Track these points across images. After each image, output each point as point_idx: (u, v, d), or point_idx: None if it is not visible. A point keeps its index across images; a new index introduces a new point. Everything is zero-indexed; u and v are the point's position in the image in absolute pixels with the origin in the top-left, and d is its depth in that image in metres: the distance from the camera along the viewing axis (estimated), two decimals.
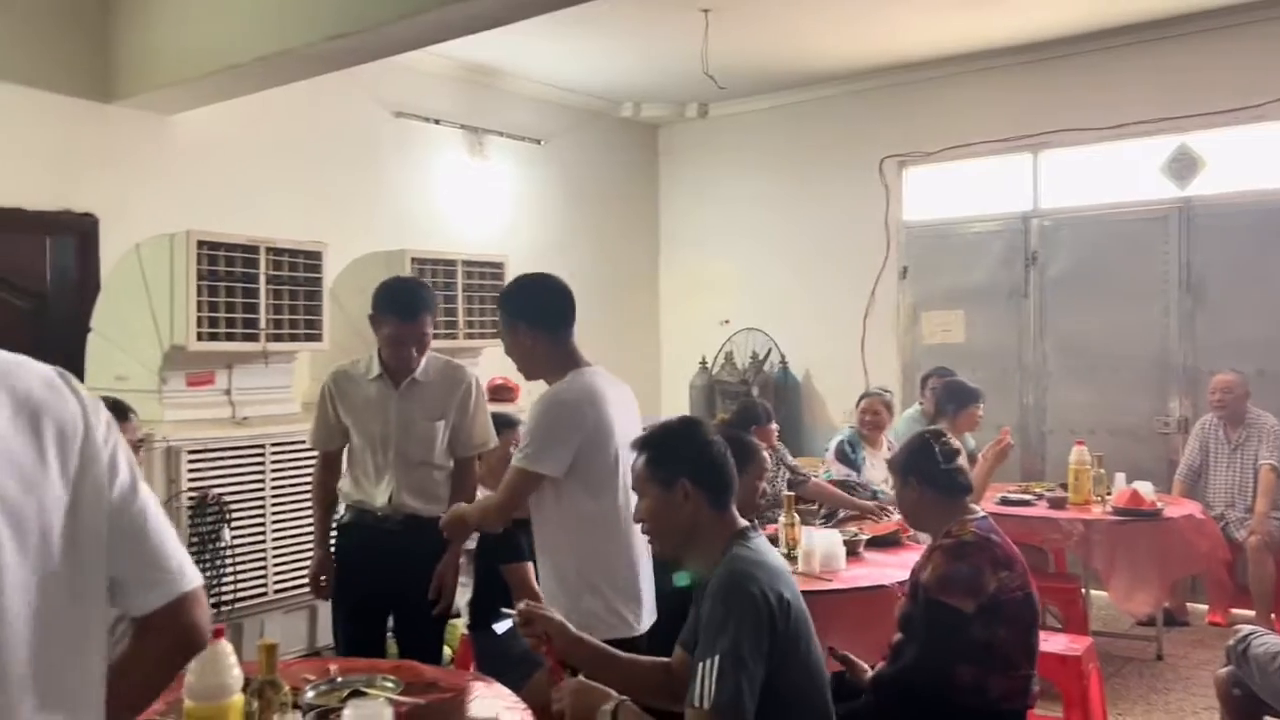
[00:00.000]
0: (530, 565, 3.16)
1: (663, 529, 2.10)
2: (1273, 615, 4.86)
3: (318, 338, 4.35)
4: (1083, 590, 4.81)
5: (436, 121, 5.97)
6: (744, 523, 2.09)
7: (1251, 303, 5.45)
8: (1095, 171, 6.03)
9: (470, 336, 5.10)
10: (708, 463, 2.07)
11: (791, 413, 6.80)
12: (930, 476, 2.61)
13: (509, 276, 5.36)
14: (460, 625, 3.93)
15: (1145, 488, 4.50)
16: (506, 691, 2.28)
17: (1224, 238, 5.55)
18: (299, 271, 4.27)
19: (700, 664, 1.87)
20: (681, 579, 2.22)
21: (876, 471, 4.82)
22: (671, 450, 2.10)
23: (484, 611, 3.29)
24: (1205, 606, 5.38)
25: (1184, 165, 5.71)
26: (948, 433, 2.83)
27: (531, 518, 2.64)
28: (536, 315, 2.65)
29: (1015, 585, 2.45)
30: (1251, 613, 4.92)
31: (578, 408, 2.53)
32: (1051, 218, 6.15)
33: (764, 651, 1.87)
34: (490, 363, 5.53)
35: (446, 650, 4.39)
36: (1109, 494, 4.63)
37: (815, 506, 4.57)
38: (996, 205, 6.35)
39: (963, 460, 2.66)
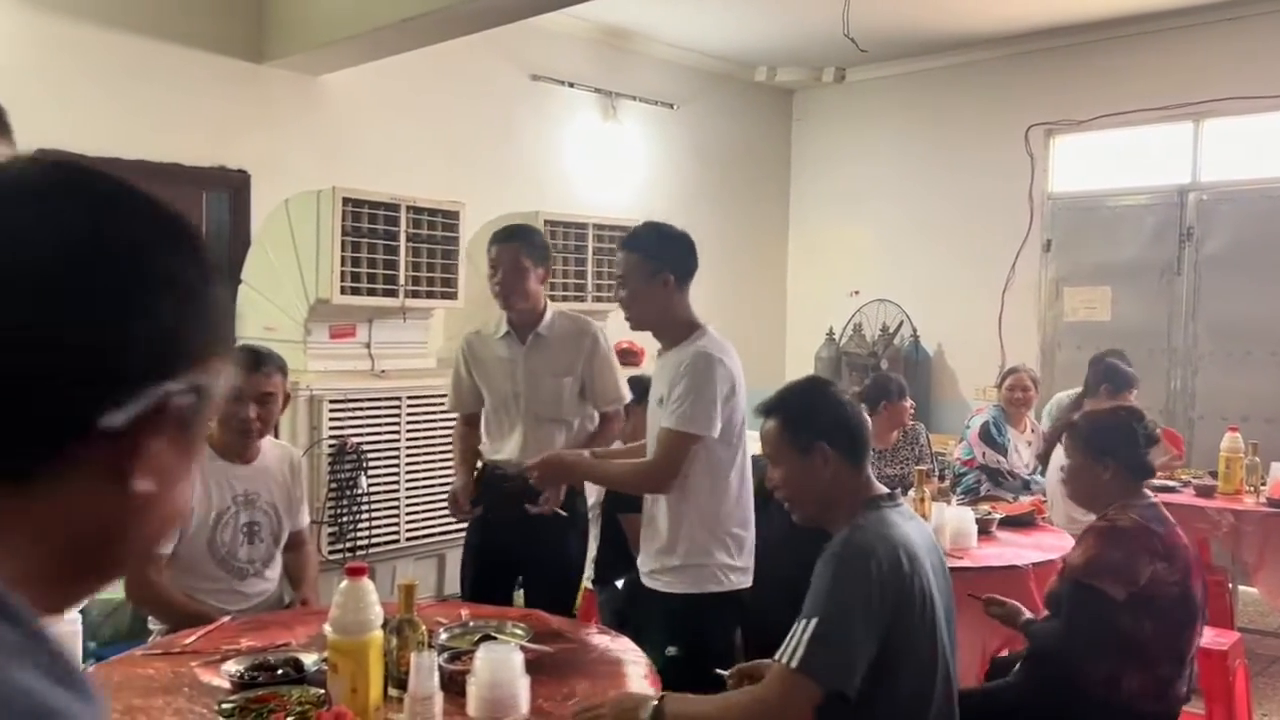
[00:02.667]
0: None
1: (801, 496, 2.05)
2: None
3: (453, 295, 4.45)
4: (1229, 584, 4.57)
5: (571, 84, 6.00)
6: (881, 489, 2.03)
7: None
8: (1262, 143, 5.64)
9: (599, 300, 5.13)
10: (844, 424, 2.02)
11: (921, 388, 6.62)
12: (1129, 460, 2.49)
13: None
14: (586, 582, 3.99)
15: None
16: (630, 644, 2.30)
17: None
18: (437, 230, 4.36)
19: (799, 622, 1.83)
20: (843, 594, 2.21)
21: (1020, 455, 4.66)
22: (806, 414, 2.04)
23: (607, 565, 3.34)
24: None
25: None
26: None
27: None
28: (684, 268, 2.63)
29: (1172, 580, 2.32)
30: None
31: (725, 366, 2.54)
32: (1211, 191, 5.79)
33: (875, 627, 1.82)
34: (618, 325, 5.55)
35: None
36: (1263, 484, 4.36)
37: (948, 483, 4.46)
38: (1151, 177, 6.02)
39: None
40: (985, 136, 6.51)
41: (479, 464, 3.32)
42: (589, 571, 3.59)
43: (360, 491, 4.13)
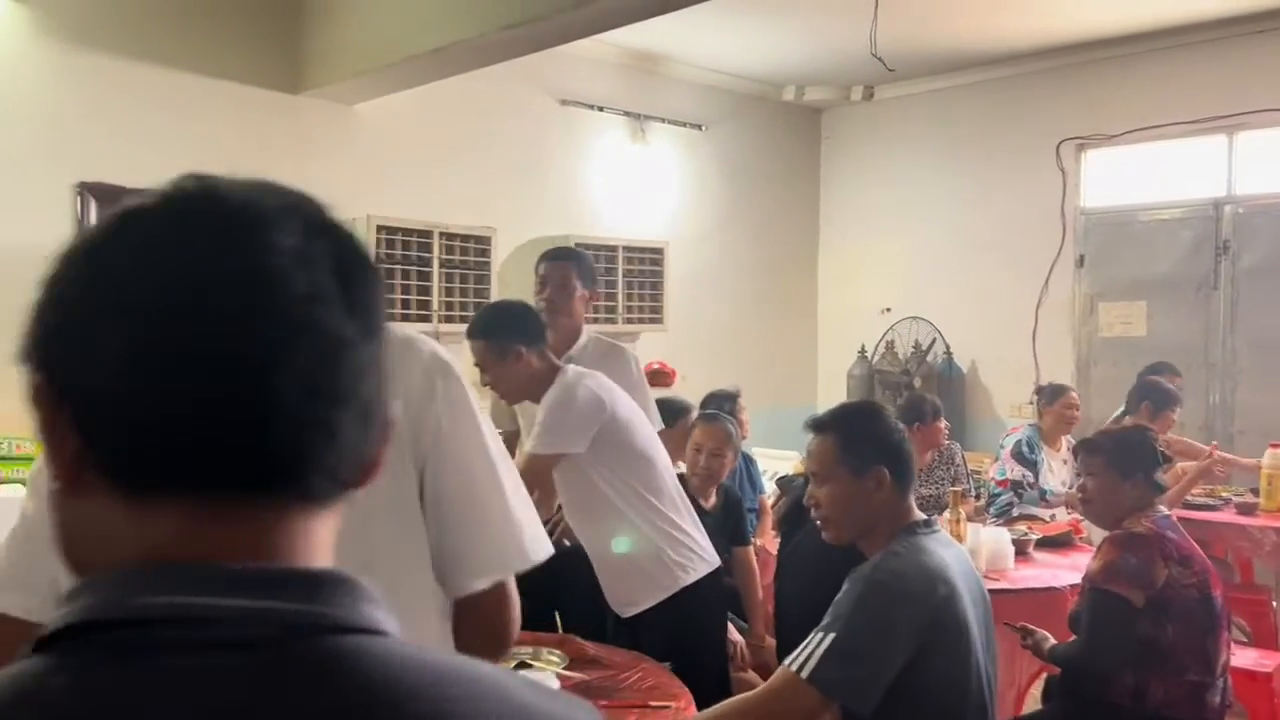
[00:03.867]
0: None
1: (844, 517, 2.03)
2: None
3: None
4: (1274, 603, 4.49)
5: (600, 109, 6.06)
6: (919, 515, 2.03)
7: None
8: None
9: (630, 321, 5.17)
10: (900, 450, 2.03)
11: (955, 406, 6.58)
12: (1151, 476, 2.54)
13: (669, 262, 5.42)
14: None
15: None
16: (666, 670, 2.31)
17: None
18: (470, 255, 4.43)
19: (815, 634, 1.82)
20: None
21: (1054, 475, 4.60)
22: (867, 436, 2.04)
23: None
24: None
25: None
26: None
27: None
28: (529, 335, 2.68)
29: (1189, 582, 2.33)
30: None
31: (587, 387, 2.70)
32: (1247, 204, 5.72)
33: (899, 652, 1.80)
34: (649, 347, 5.60)
35: None
36: None
37: (983, 503, 4.42)
38: (1185, 191, 5.96)
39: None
40: (1016, 152, 6.49)
41: None
42: None
43: None
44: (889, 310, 7.02)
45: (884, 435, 2.04)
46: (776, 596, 2.93)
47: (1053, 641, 2.60)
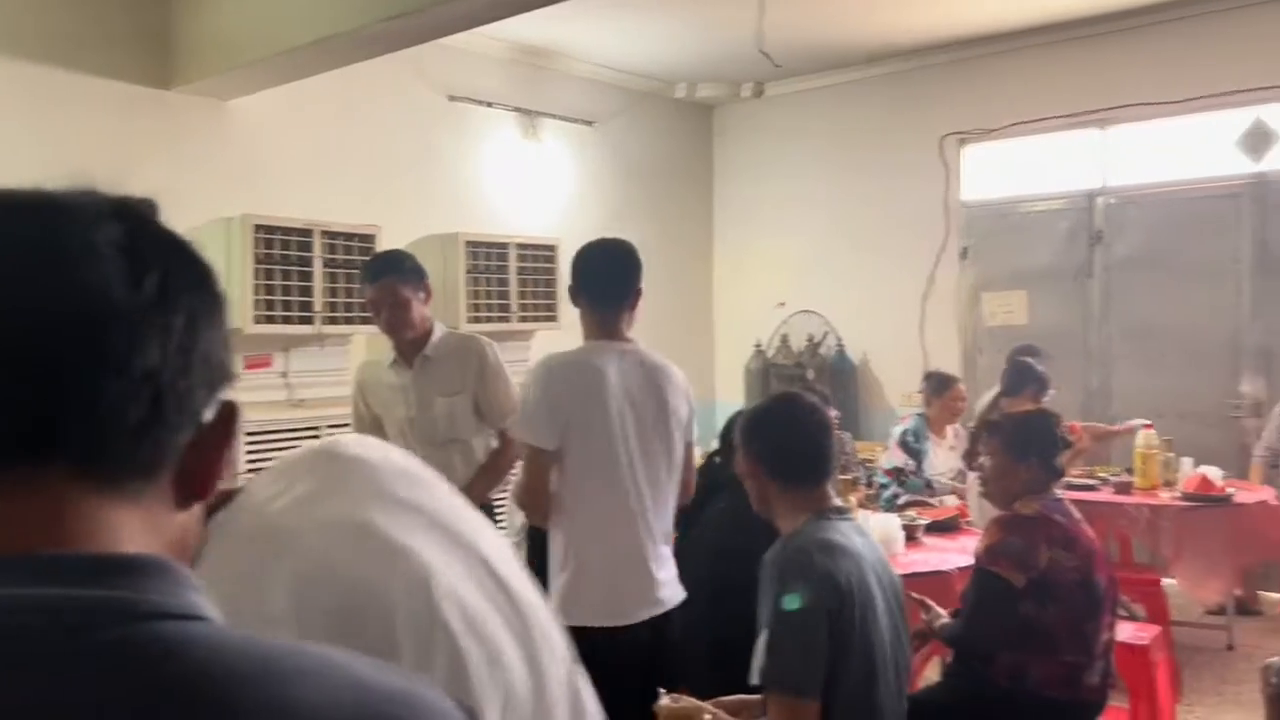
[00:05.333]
0: None
1: (753, 496, 2.16)
2: None
3: (371, 320, 4.37)
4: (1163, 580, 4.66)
5: (489, 104, 5.97)
6: (835, 502, 2.09)
7: None
8: (1164, 147, 5.83)
9: (524, 319, 5.10)
10: (770, 445, 2.10)
11: (848, 396, 6.70)
12: (1047, 460, 2.59)
13: (562, 260, 5.36)
14: None
15: (1214, 472, 4.36)
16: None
17: None
18: (353, 255, 4.29)
19: (759, 640, 1.89)
20: (792, 601, 2.12)
21: (941, 462, 4.71)
22: (744, 431, 2.17)
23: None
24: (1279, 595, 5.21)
25: (1258, 139, 5.49)
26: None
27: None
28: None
29: (1071, 565, 2.39)
30: None
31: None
32: (1118, 195, 5.96)
33: (818, 633, 1.84)
34: (544, 346, 5.53)
35: None
36: (1177, 479, 4.49)
37: (874, 490, 4.50)
38: (1061, 183, 6.18)
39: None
40: (901, 146, 6.63)
41: None
42: None
43: None
44: (783, 304, 7.11)
45: (761, 429, 2.15)
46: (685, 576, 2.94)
47: (945, 619, 2.65)
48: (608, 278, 2.63)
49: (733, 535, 2.48)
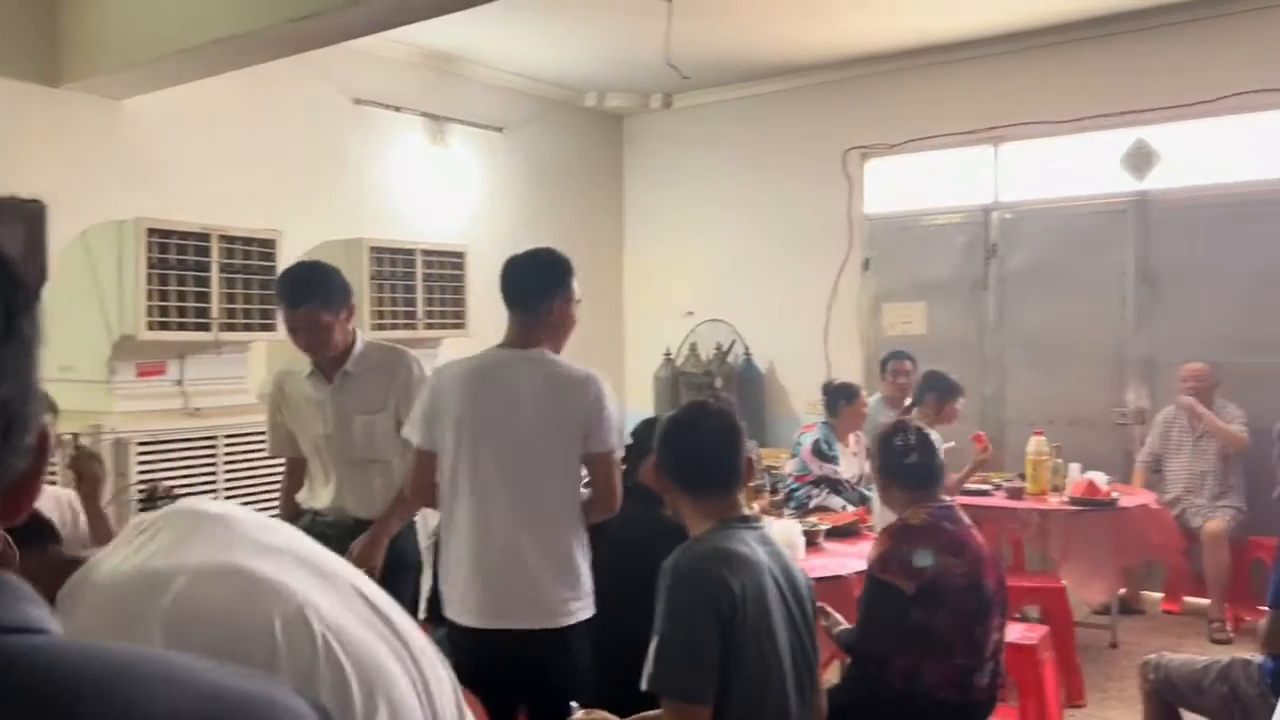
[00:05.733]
0: None
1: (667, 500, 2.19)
2: (1225, 604, 4.93)
3: (272, 328, 4.27)
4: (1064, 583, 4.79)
5: (397, 109, 5.90)
6: (742, 511, 2.11)
7: (1206, 296, 5.52)
8: (1054, 165, 6.07)
9: (430, 327, 5.04)
10: (670, 452, 2.13)
11: (755, 404, 6.81)
12: (896, 471, 2.68)
13: (469, 266, 5.33)
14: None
15: (1099, 478, 4.55)
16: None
17: (1180, 231, 5.61)
18: (252, 260, 4.20)
19: (651, 645, 1.89)
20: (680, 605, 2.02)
21: (845, 468, 4.81)
22: (657, 440, 2.18)
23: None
24: (1160, 595, 5.46)
25: (1140, 159, 5.76)
26: (923, 422, 2.86)
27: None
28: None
29: (960, 572, 2.46)
30: (1207, 601, 4.99)
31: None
32: (1011, 210, 6.19)
33: (708, 638, 1.85)
34: (451, 353, 5.48)
35: None
36: (1065, 484, 4.67)
37: (781, 497, 4.57)
38: (958, 198, 6.39)
39: (929, 452, 2.67)
40: (806, 159, 6.77)
41: (301, 511, 3.15)
42: (422, 609, 3.51)
43: None
44: (692, 313, 7.18)
45: (659, 440, 2.17)
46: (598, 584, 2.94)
47: (843, 625, 2.72)
48: (517, 287, 2.64)
49: (633, 542, 2.50)
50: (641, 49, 5.76)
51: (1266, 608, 2.68)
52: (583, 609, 2.52)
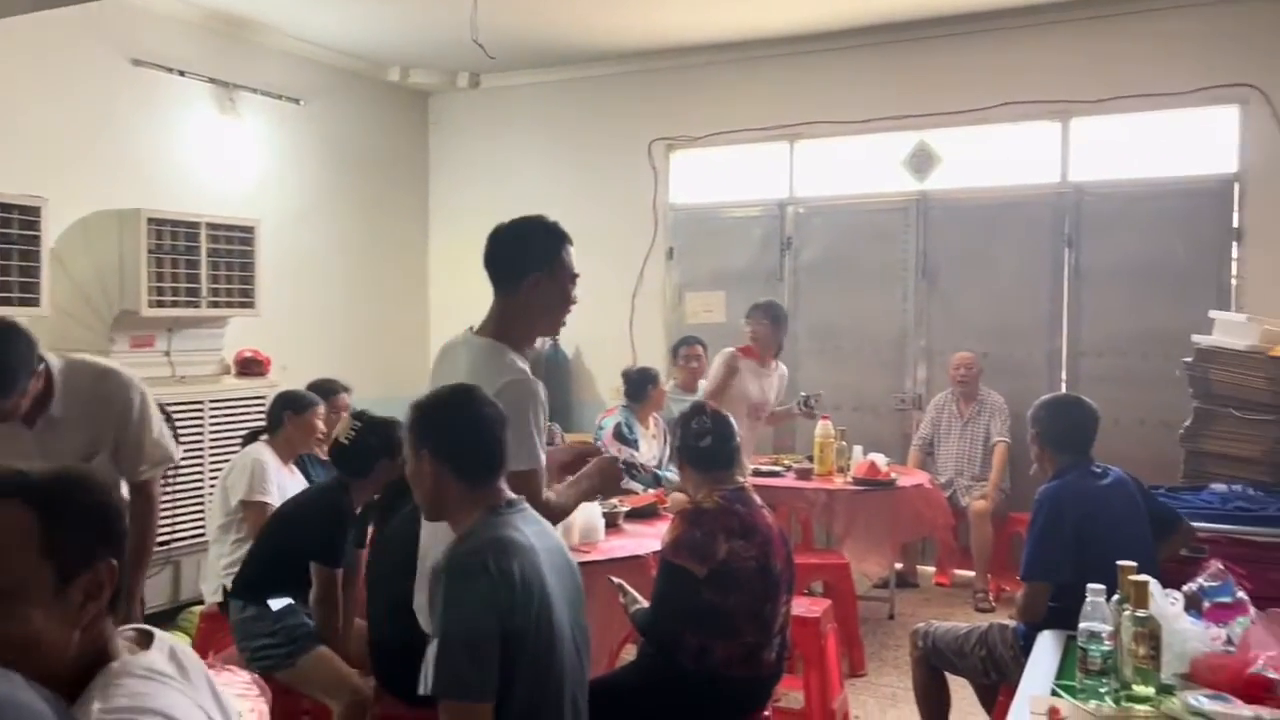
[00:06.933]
0: (337, 574, 3.04)
1: (416, 491, 2.06)
2: (989, 575, 5.35)
3: (34, 302, 3.95)
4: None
5: (181, 73, 5.53)
6: (509, 496, 2.03)
7: (977, 290, 5.96)
8: (845, 163, 6.38)
9: (215, 305, 4.78)
10: (456, 441, 2.01)
11: (562, 389, 6.82)
12: (686, 451, 2.76)
13: (260, 241, 5.08)
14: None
15: (880, 459, 4.83)
16: (242, 676, 2.15)
17: (954, 229, 6.03)
18: (12, 229, 3.85)
19: (428, 648, 1.85)
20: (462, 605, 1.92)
21: (648, 451, 4.90)
22: (419, 420, 2.04)
23: (257, 584, 3.10)
24: (933, 569, 5.86)
25: (922, 160, 6.15)
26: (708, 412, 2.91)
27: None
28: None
29: (750, 555, 2.55)
30: (972, 573, 5.40)
31: None
32: (805, 205, 6.46)
33: (488, 633, 1.82)
34: (237, 335, 5.21)
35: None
36: (850, 465, 4.93)
37: None
38: (757, 191, 6.61)
39: (725, 435, 2.74)
40: (613, 148, 6.83)
41: None
42: (215, 592, 3.39)
43: None
44: None
45: (436, 424, 2.02)
46: (369, 577, 2.86)
47: (640, 604, 2.76)
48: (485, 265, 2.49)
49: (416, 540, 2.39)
50: (447, 24, 5.64)
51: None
52: None
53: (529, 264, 2.41)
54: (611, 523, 3.73)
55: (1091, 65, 5.59)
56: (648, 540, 3.59)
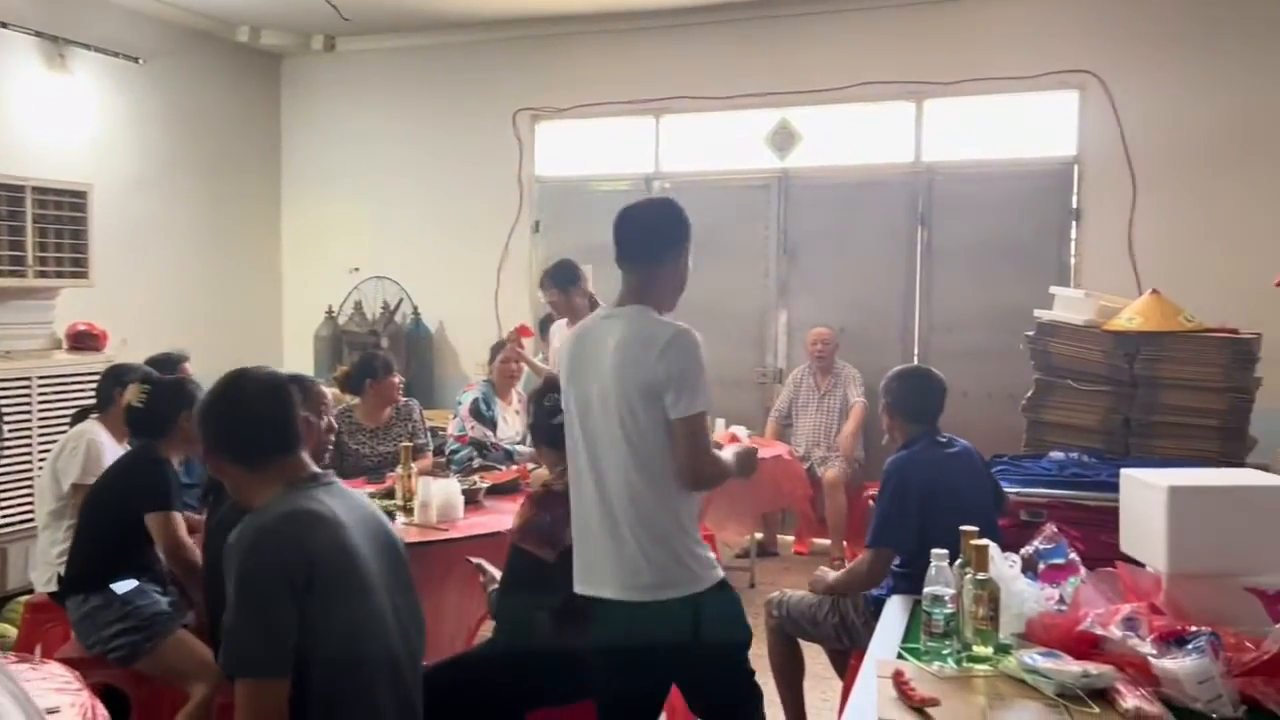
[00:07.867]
0: (175, 515, 2.87)
1: (225, 483, 2.02)
2: (845, 543, 5.51)
3: None
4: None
5: (4, 25, 5.12)
6: (310, 471, 1.97)
7: (834, 267, 6.11)
8: (710, 139, 6.42)
9: (43, 275, 4.46)
10: (221, 428, 1.97)
11: (424, 364, 6.69)
12: (538, 429, 2.72)
13: (93, 206, 4.78)
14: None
15: (741, 431, 4.91)
16: (60, 670, 2.01)
17: (814, 207, 6.15)
18: None
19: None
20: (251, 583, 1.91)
21: (508, 425, 4.83)
22: (198, 419, 2.00)
23: (93, 572, 2.91)
24: (792, 538, 6.01)
25: (784, 138, 6.24)
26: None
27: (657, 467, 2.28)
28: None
29: None
30: (828, 541, 5.55)
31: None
32: (671, 180, 6.47)
33: (281, 610, 1.76)
34: (69, 307, 4.89)
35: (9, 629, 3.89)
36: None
37: (444, 459, 4.51)
38: (624, 165, 6.58)
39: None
40: (476, 118, 6.69)
41: None
42: (49, 582, 3.17)
43: None
44: (357, 269, 6.90)
45: (203, 420, 1.99)
46: (206, 560, 2.73)
47: (498, 584, 2.72)
48: (620, 241, 2.55)
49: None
50: None
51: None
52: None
53: (680, 235, 2.54)
54: (472, 499, 3.67)
55: (944, 48, 5.77)
56: (508, 517, 3.52)
